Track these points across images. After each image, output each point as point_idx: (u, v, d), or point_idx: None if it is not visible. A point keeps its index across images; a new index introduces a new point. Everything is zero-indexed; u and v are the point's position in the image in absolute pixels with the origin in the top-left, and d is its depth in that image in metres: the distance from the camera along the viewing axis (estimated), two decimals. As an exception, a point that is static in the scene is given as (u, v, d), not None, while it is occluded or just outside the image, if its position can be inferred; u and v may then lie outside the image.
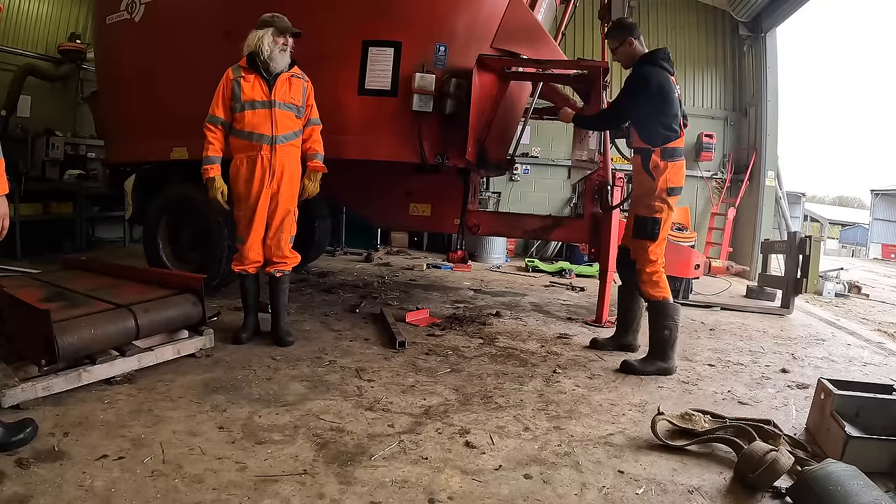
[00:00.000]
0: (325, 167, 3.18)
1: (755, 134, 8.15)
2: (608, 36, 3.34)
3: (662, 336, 3.04)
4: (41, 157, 6.76)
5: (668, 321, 3.04)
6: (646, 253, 3.07)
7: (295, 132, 3.11)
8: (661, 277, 3.10)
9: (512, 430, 2.20)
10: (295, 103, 3.08)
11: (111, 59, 4.80)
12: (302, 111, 3.12)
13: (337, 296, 4.61)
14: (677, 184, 3.07)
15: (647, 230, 3.06)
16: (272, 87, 3.01)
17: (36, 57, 7.33)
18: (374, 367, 2.86)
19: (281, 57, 3.01)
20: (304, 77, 3.14)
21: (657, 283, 3.08)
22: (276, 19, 3.02)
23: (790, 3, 7.39)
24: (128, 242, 7.26)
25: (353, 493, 1.69)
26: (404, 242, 8.50)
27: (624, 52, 3.21)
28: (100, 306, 2.63)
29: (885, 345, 4.22)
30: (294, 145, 3.12)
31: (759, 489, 1.82)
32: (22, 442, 1.81)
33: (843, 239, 25.04)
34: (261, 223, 3.09)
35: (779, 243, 5.55)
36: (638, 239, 3.11)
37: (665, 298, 3.07)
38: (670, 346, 3.05)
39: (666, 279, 3.14)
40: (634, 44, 3.18)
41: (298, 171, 3.16)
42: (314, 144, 3.16)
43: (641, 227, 3.08)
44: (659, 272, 3.09)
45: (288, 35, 3.02)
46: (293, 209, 3.16)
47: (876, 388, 2.30)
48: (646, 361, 3.06)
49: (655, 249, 3.07)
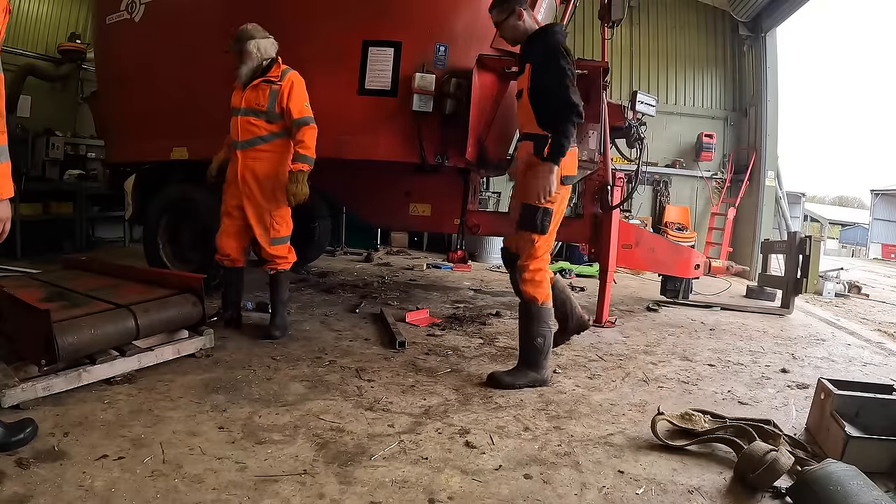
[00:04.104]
0: (306, 166, 3.08)
1: (755, 134, 8.16)
2: (491, 7, 2.79)
3: (535, 345, 2.69)
4: (41, 157, 6.77)
5: (543, 328, 2.70)
6: (532, 247, 2.64)
7: (261, 137, 3.14)
8: (544, 277, 2.72)
9: (512, 430, 2.20)
10: (259, 108, 3.10)
11: (111, 59, 4.80)
12: (273, 115, 3.11)
13: (337, 296, 4.61)
14: (572, 171, 2.73)
15: (537, 221, 2.61)
16: (243, 95, 3.16)
17: (36, 57, 7.34)
18: (374, 367, 2.86)
19: (243, 68, 3.13)
20: (280, 80, 3.10)
21: (539, 284, 2.69)
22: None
23: (790, 3, 7.40)
24: (128, 242, 7.25)
25: (353, 493, 1.69)
26: (404, 242, 8.50)
27: (512, 24, 2.72)
28: (100, 306, 2.62)
29: (885, 345, 4.22)
30: (260, 150, 3.15)
31: (759, 489, 1.82)
32: (22, 442, 1.81)
33: (843, 239, 25.03)
34: (230, 221, 3.27)
35: (779, 243, 5.55)
36: (523, 230, 2.66)
37: (545, 303, 2.70)
38: (544, 356, 2.72)
39: (548, 282, 2.77)
40: (524, 15, 2.71)
41: (271, 175, 3.16)
42: (297, 146, 3.11)
43: (530, 218, 2.62)
44: (543, 270, 2.70)
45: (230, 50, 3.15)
46: (272, 210, 3.19)
47: (876, 388, 2.30)
48: (516, 373, 2.72)
49: (543, 244, 2.68)
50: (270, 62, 3.15)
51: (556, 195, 2.64)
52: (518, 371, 2.74)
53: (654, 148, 7.34)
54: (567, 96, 2.55)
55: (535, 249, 2.65)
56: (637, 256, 4.43)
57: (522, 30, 2.74)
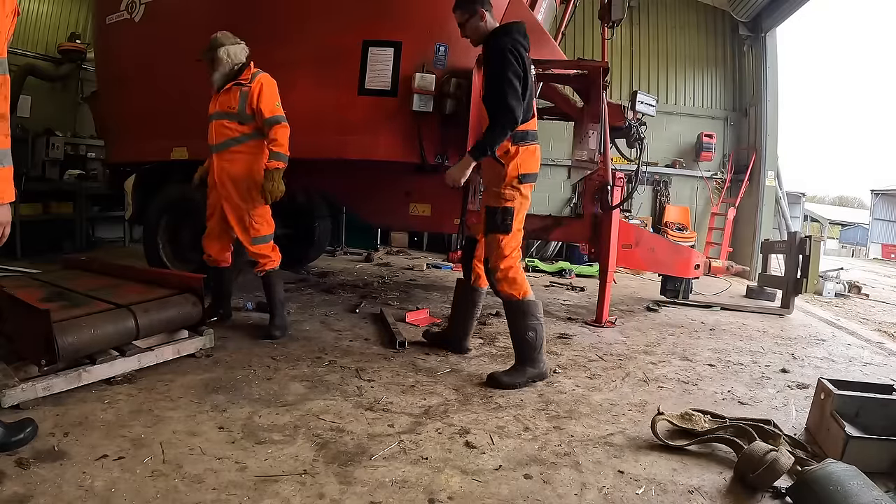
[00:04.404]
0: (281, 164, 3.13)
1: (755, 134, 8.16)
2: (455, 8, 2.85)
3: (527, 339, 2.73)
4: (41, 157, 6.77)
5: (531, 321, 2.74)
6: (499, 247, 2.72)
7: (234, 139, 3.21)
8: (517, 273, 2.76)
9: (512, 430, 2.20)
10: (231, 111, 3.19)
11: (111, 59, 4.80)
12: (245, 116, 3.17)
13: (337, 296, 4.61)
14: (530, 170, 2.77)
15: (499, 222, 2.70)
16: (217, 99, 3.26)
17: (36, 57, 7.34)
18: (374, 367, 2.86)
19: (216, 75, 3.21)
20: (250, 83, 3.16)
21: (514, 280, 2.74)
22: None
23: (790, 3, 7.40)
24: (128, 242, 7.26)
25: (353, 493, 1.69)
26: (404, 242, 8.50)
27: (474, 26, 2.79)
28: (100, 306, 2.63)
29: (885, 345, 4.22)
30: (234, 151, 3.22)
31: (759, 489, 1.82)
32: (22, 442, 1.81)
33: (843, 239, 25.03)
34: (212, 223, 3.41)
35: (779, 243, 5.54)
36: (490, 233, 2.74)
37: (525, 296, 2.75)
38: (538, 349, 2.75)
39: (524, 277, 2.80)
40: (486, 16, 2.77)
41: (246, 175, 3.22)
42: (270, 144, 3.16)
43: (492, 219, 2.72)
44: (515, 267, 2.76)
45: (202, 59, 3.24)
46: (250, 210, 3.23)
47: (876, 388, 2.30)
48: (514, 372, 2.74)
49: (510, 243, 2.73)
50: (241, 66, 3.23)
51: (515, 194, 2.72)
52: (516, 370, 2.76)
53: (654, 148, 7.33)
54: (504, 101, 2.59)
55: (501, 249, 2.73)
56: (637, 256, 4.43)
57: (483, 31, 2.79)
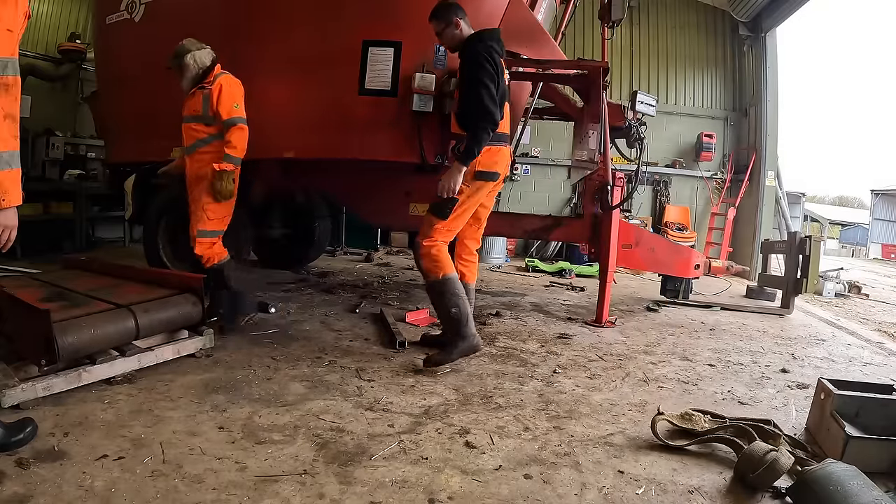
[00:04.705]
0: (230, 166, 3.23)
1: (755, 134, 8.16)
2: (431, 18, 3.00)
3: (452, 315, 2.88)
4: (41, 157, 6.76)
5: (452, 298, 2.87)
6: (431, 228, 2.90)
7: (202, 140, 3.34)
8: (440, 252, 2.91)
9: (512, 430, 2.20)
10: (196, 113, 3.31)
11: (111, 59, 4.80)
12: (209, 118, 3.28)
13: (337, 296, 4.61)
14: (489, 168, 2.90)
15: (441, 206, 2.88)
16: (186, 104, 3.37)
17: (36, 57, 7.33)
18: (374, 367, 2.86)
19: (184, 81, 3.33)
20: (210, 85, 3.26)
21: (435, 259, 2.89)
22: None
23: (790, 3, 7.40)
24: (128, 242, 7.25)
25: (353, 493, 1.69)
26: (404, 242, 8.48)
27: (450, 34, 2.96)
28: (100, 306, 2.63)
29: (885, 345, 4.22)
30: (203, 152, 3.34)
31: (759, 489, 1.82)
32: (22, 442, 1.81)
33: (843, 239, 25.03)
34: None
35: (779, 243, 5.54)
36: (430, 213, 2.94)
37: (445, 275, 2.89)
38: (464, 323, 2.88)
39: (447, 256, 2.95)
40: (461, 24, 2.93)
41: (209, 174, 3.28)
42: (225, 146, 3.24)
43: (437, 203, 2.90)
44: (438, 246, 2.91)
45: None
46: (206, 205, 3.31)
47: (876, 388, 2.30)
48: (445, 350, 2.89)
49: (442, 228, 2.91)
50: (206, 70, 3.32)
51: (465, 188, 2.88)
52: (447, 348, 2.90)
53: (654, 148, 7.34)
54: (482, 103, 2.75)
55: (432, 231, 2.91)
56: (637, 256, 4.43)
57: (459, 38, 2.95)
